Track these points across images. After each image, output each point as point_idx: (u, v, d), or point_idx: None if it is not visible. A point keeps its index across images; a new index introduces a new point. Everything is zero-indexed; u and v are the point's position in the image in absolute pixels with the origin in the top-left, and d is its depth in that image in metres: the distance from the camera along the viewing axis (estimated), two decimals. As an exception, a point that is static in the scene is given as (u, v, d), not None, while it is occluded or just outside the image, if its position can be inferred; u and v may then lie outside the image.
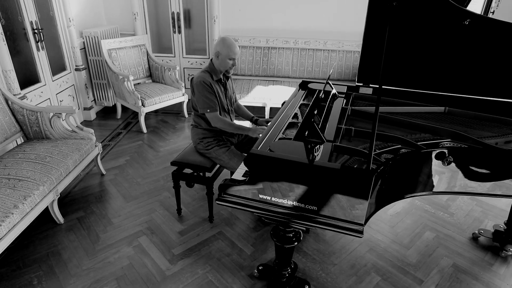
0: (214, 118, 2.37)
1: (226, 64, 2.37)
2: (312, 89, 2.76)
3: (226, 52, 2.32)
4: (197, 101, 2.38)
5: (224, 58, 2.34)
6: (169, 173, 3.30)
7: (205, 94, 2.33)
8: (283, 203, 1.68)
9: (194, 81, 2.36)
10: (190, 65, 5.08)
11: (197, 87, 2.33)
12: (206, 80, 2.35)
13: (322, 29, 4.72)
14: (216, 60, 2.38)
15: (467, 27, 2.02)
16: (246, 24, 4.77)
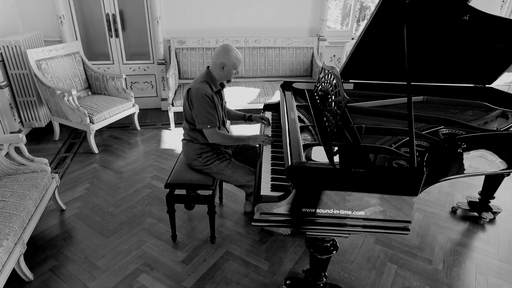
0: (213, 134, 2.15)
1: (230, 75, 2.18)
2: (298, 89, 2.71)
3: (232, 63, 2.12)
4: (196, 115, 2.13)
5: (230, 69, 2.14)
6: (144, 196, 2.94)
7: (206, 108, 2.09)
8: (328, 213, 1.60)
9: (193, 93, 2.10)
10: (132, 72, 4.59)
11: (197, 100, 2.08)
12: (208, 92, 2.11)
13: (271, 27, 4.71)
14: (220, 71, 2.16)
15: (466, 22, 2.12)
16: (193, 24, 4.49)
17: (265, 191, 1.73)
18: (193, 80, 2.24)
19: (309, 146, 1.81)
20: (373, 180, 1.51)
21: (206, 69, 2.23)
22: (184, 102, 2.23)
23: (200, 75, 2.24)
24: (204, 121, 2.11)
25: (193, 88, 2.12)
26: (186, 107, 2.22)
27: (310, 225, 1.61)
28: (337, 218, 1.60)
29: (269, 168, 1.95)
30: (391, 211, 1.57)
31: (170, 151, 3.72)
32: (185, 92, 2.21)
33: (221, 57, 2.12)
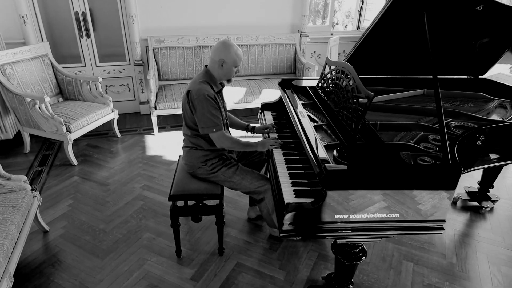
0: (221, 137, 1.98)
1: (231, 73, 2.01)
2: (298, 87, 2.59)
3: (232, 60, 1.95)
4: (199, 119, 1.94)
5: (230, 66, 1.97)
6: (137, 208, 2.70)
7: (210, 110, 1.92)
8: (362, 218, 1.50)
9: (194, 95, 1.92)
10: (107, 75, 4.27)
11: (200, 103, 1.90)
12: (210, 93, 1.94)
13: (252, 23, 4.56)
14: (219, 69, 1.98)
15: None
16: (172, 22, 4.25)
17: (289, 199, 1.61)
18: (191, 81, 2.06)
19: (331, 146, 1.70)
20: (412, 178, 1.43)
21: (204, 68, 2.06)
22: (184, 106, 2.04)
23: (198, 75, 2.06)
24: (209, 124, 1.94)
25: (193, 90, 1.94)
26: (187, 111, 2.03)
27: (343, 232, 1.51)
28: (372, 222, 1.51)
29: (286, 173, 1.82)
30: (427, 211, 1.50)
31: (157, 157, 3.48)
32: (184, 94, 2.03)
33: (220, 53, 1.95)
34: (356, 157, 1.59)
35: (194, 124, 2.03)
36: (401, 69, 2.51)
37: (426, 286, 2.07)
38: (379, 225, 1.52)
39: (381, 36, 2.18)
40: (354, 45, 2.31)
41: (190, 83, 2.04)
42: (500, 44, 2.43)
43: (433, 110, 2.26)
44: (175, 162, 3.39)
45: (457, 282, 2.10)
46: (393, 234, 1.56)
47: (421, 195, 1.46)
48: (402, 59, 2.43)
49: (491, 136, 1.96)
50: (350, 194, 1.43)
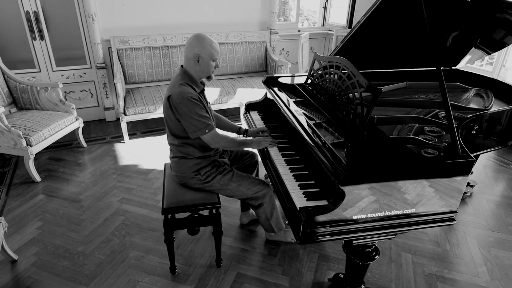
0: (215, 137, 1.84)
1: (210, 69, 1.86)
2: (285, 84, 2.51)
3: (209, 53, 1.81)
4: (187, 124, 1.78)
5: (208, 61, 1.82)
6: (118, 225, 2.47)
7: (197, 112, 1.77)
8: (380, 216, 1.46)
9: (176, 100, 1.75)
10: (66, 80, 3.90)
11: (184, 107, 1.74)
12: (193, 94, 1.79)
13: (222, 21, 4.41)
14: (196, 66, 1.83)
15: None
16: (136, 21, 3.97)
17: (300, 203, 1.52)
18: (169, 85, 1.88)
19: (336, 144, 1.64)
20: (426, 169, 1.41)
21: (180, 69, 1.90)
22: (166, 113, 1.87)
23: (175, 78, 1.89)
24: (199, 126, 1.79)
25: (174, 94, 1.78)
26: (170, 119, 1.86)
27: (363, 232, 1.46)
28: (389, 219, 1.47)
29: (290, 175, 1.73)
30: (440, 203, 1.50)
31: (132, 167, 3.23)
32: (164, 101, 1.85)
33: (194, 48, 1.79)
34: (369, 152, 1.54)
35: (181, 131, 1.86)
36: (386, 62, 2.53)
37: (428, 276, 2.10)
38: (395, 221, 1.49)
39: (368, 31, 2.16)
40: (342, 40, 2.28)
41: (169, 88, 1.87)
42: (470, 37, 2.53)
43: (420, 102, 2.29)
44: (153, 171, 3.16)
45: (455, 269, 2.15)
46: (408, 229, 1.53)
47: (436, 186, 1.45)
48: (388, 53, 2.45)
49: (485, 123, 2.02)
50: (368, 191, 1.38)
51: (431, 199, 1.47)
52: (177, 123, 1.83)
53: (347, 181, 1.34)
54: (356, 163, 1.38)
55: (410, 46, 2.47)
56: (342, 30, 4.96)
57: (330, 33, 5.45)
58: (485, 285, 2.04)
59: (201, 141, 1.87)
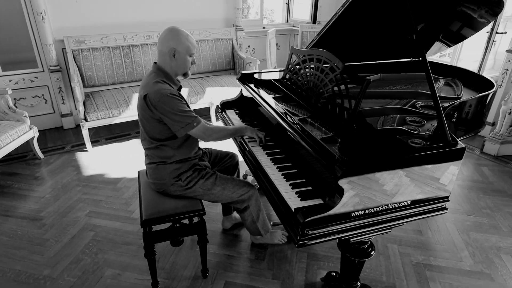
0: (206, 130, 1.72)
1: (186, 64, 1.73)
2: (261, 80, 2.41)
3: (185, 47, 1.68)
4: (172, 121, 1.63)
5: (184, 55, 1.69)
6: (88, 242, 2.24)
7: (179, 107, 1.63)
8: (377, 210, 1.41)
9: (153, 98, 1.60)
10: (15, 86, 3.52)
11: (165, 104, 1.60)
12: (173, 90, 1.65)
13: (185, 19, 4.23)
14: (171, 61, 1.69)
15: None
16: (92, 19, 3.68)
17: (295, 203, 1.44)
18: (142, 85, 1.72)
19: (325, 140, 1.57)
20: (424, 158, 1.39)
21: (153, 66, 1.75)
22: (142, 115, 1.71)
23: (148, 76, 1.73)
24: (186, 121, 1.64)
25: (151, 93, 1.62)
26: (148, 120, 1.70)
27: (360, 228, 1.41)
28: (386, 213, 1.43)
29: (279, 175, 1.64)
30: (435, 192, 1.49)
31: (98, 177, 2.98)
32: (140, 101, 1.69)
33: (168, 42, 1.65)
34: (364, 145, 1.49)
35: (160, 133, 1.71)
36: (361, 55, 2.52)
37: (416, 265, 2.11)
38: (393, 215, 1.45)
39: (343, 23, 2.13)
40: (318, 33, 2.23)
41: (142, 87, 1.71)
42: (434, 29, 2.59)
43: (397, 93, 2.30)
44: (122, 179, 2.94)
45: (439, 255, 2.18)
46: (404, 222, 1.50)
47: (431, 175, 1.43)
48: (362, 46, 2.44)
49: (463, 111, 2.06)
50: (367, 183, 1.32)
51: (426, 188, 1.45)
52: (156, 123, 1.67)
53: (347, 176, 1.28)
54: (355, 157, 1.32)
55: (383, 38, 2.48)
56: (307, 26, 4.96)
57: (294, 29, 5.44)
58: (469, 269, 2.09)
59: (180, 143, 1.72)
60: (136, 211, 2.54)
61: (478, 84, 2.55)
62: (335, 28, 2.16)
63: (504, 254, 2.20)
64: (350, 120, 1.58)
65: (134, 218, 2.46)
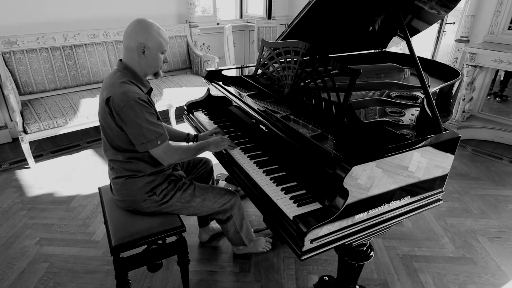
0: (168, 151, 1.48)
1: (158, 62, 1.50)
2: (231, 77, 2.23)
3: (157, 42, 1.46)
4: (135, 133, 1.40)
5: (156, 52, 1.47)
6: (42, 275, 1.90)
7: (146, 118, 1.39)
8: (380, 211, 1.32)
9: (119, 103, 1.36)
10: None
11: (131, 111, 1.36)
12: (141, 95, 1.41)
13: (133, 15, 3.86)
14: (141, 59, 1.46)
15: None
16: (25, 17, 3.20)
17: (292, 211, 1.29)
18: (105, 85, 1.47)
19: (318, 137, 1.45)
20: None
21: (119, 64, 1.50)
22: (105, 121, 1.45)
23: (113, 76, 1.48)
24: (150, 137, 1.41)
25: (115, 95, 1.38)
26: (110, 128, 1.44)
27: (364, 230, 1.30)
28: (387, 212, 1.35)
29: (267, 180, 1.49)
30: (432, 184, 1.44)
31: (46, 197, 2.59)
32: (101, 105, 1.44)
33: (137, 36, 1.42)
34: (361, 141, 1.39)
35: (127, 143, 1.46)
36: (330, 47, 2.45)
37: (402, 257, 2.08)
38: (394, 212, 1.37)
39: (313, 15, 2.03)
40: (289, 25, 2.11)
41: (105, 88, 1.45)
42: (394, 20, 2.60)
43: (369, 84, 2.26)
44: (76, 197, 2.58)
45: (423, 245, 2.18)
46: (402, 219, 1.44)
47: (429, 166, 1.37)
48: (331, 38, 2.36)
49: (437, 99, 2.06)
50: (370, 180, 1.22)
51: (425, 180, 1.39)
52: (120, 132, 1.42)
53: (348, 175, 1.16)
54: (358, 155, 1.20)
55: (348, 31, 2.44)
56: (263, 21, 4.85)
57: (249, 25, 5.31)
58: (452, 255, 2.11)
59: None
60: (97, 232, 2.23)
61: (442, 73, 2.61)
62: (305, 20, 2.06)
63: (480, 236, 2.27)
64: (340, 114, 1.47)
65: (96, 241, 2.15)
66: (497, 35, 3.37)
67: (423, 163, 1.34)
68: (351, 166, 1.14)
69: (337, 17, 2.21)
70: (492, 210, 2.52)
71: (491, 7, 3.35)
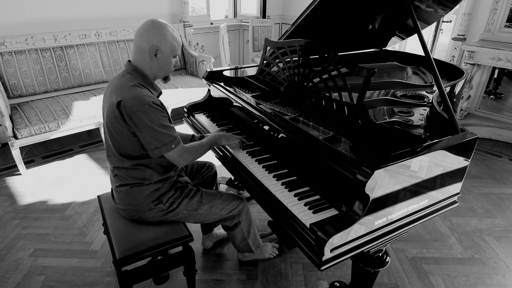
0: (183, 153, 1.41)
1: (169, 66, 1.45)
2: (232, 78, 2.16)
3: (171, 46, 1.40)
4: (149, 138, 1.32)
5: (168, 56, 1.41)
6: (41, 287, 1.80)
7: (161, 122, 1.32)
8: (399, 215, 1.27)
9: (132, 107, 1.28)
10: None
11: (145, 115, 1.28)
12: (155, 98, 1.35)
13: (126, 15, 3.77)
14: (152, 62, 1.39)
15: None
16: (12, 17, 3.07)
17: (308, 218, 1.23)
18: (114, 88, 1.38)
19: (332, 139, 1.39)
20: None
21: (128, 65, 1.42)
22: (113, 126, 1.36)
23: (121, 78, 1.40)
24: (164, 141, 1.34)
25: (127, 99, 1.30)
26: (120, 132, 1.36)
27: (385, 235, 1.26)
28: (406, 217, 1.30)
29: (279, 185, 1.43)
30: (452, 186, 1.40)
31: (39, 205, 2.47)
32: (111, 108, 1.35)
33: (151, 37, 1.35)
34: (380, 142, 1.33)
35: (136, 149, 1.38)
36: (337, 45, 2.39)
37: (411, 260, 2.04)
38: (411, 218, 1.32)
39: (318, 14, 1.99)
40: (292, 24, 2.05)
41: (114, 91, 1.37)
42: (394, 18, 2.57)
43: (374, 84, 2.21)
44: (71, 204, 2.47)
45: (431, 246, 2.15)
46: (419, 223, 1.39)
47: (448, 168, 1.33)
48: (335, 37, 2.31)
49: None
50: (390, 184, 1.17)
51: (444, 183, 1.35)
52: (131, 137, 1.34)
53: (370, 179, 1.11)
54: (379, 158, 1.15)
55: (350, 30, 2.40)
56: (257, 20, 4.78)
57: (243, 25, 5.24)
58: (461, 256, 2.08)
59: (160, 160, 1.41)
60: (95, 241, 2.13)
61: (445, 71, 2.58)
62: (310, 19, 2.01)
63: (486, 235, 2.25)
64: (354, 115, 1.41)
65: (94, 251, 2.06)
66: (494, 33, 3.37)
67: (441, 164, 1.29)
68: (373, 170, 1.09)
69: (340, 15, 2.17)
70: (496, 209, 2.50)
71: (488, 5, 3.35)
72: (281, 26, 5.46)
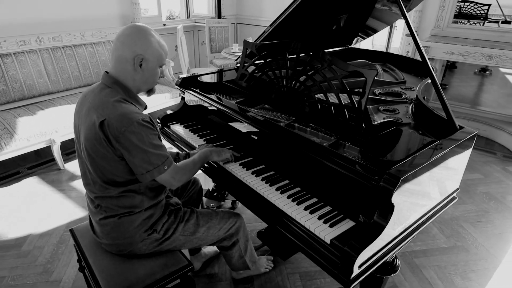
0: (176, 173, 1.24)
1: (155, 78, 1.27)
2: (210, 83, 2.01)
3: (157, 55, 1.22)
4: (139, 161, 1.14)
5: (154, 66, 1.23)
6: None
7: (152, 141, 1.15)
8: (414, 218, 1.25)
9: (117, 125, 1.10)
10: None
11: (134, 135, 1.10)
12: (144, 115, 1.16)
13: (71, 18, 3.40)
14: (136, 73, 1.21)
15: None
16: None
17: (327, 233, 1.15)
18: (92, 105, 1.17)
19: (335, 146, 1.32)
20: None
21: (105, 77, 1.22)
22: (93, 149, 1.15)
23: (100, 93, 1.19)
24: (156, 162, 1.16)
25: (113, 118, 1.11)
26: (103, 156, 1.16)
27: (400, 243, 1.23)
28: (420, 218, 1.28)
29: (285, 199, 1.33)
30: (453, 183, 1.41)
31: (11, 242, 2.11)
32: (91, 129, 1.13)
33: (135, 45, 1.17)
34: (390, 146, 1.29)
35: (123, 174, 1.19)
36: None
37: (402, 255, 2.07)
38: (422, 219, 1.30)
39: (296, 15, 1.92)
40: (271, 24, 1.96)
41: (93, 109, 1.16)
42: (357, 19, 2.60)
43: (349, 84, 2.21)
44: (28, 237, 2.14)
45: (417, 239, 2.19)
46: (427, 224, 1.38)
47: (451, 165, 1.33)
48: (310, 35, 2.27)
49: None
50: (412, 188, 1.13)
51: (449, 180, 1.36)
52: (117, 161, 1.15)
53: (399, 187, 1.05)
54: (403, 164, 1.10)
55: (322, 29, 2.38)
56: (213, 21, 4.62)
57: (197, 25, 5.04)
58: (446, 245, 2.15)
59: (150, 183, 1.23)
60: (64, 278, 1.86)
61: (413, 68, 2.65)
62: (288, 20, 1.94)
63: (463, 222, 2.36)
64: (359, 118, 1.36)
65: (65, 289, 1.79)
66: (443, 28, 3.59)
67: (449, 162, 1.29)
68: (399, 178, 1.03)
69: (313, 16, 2.13)
70: (465, 195, 2.65)
71: (436, 2, 3.56)
72: (236, 26, 5.35)
